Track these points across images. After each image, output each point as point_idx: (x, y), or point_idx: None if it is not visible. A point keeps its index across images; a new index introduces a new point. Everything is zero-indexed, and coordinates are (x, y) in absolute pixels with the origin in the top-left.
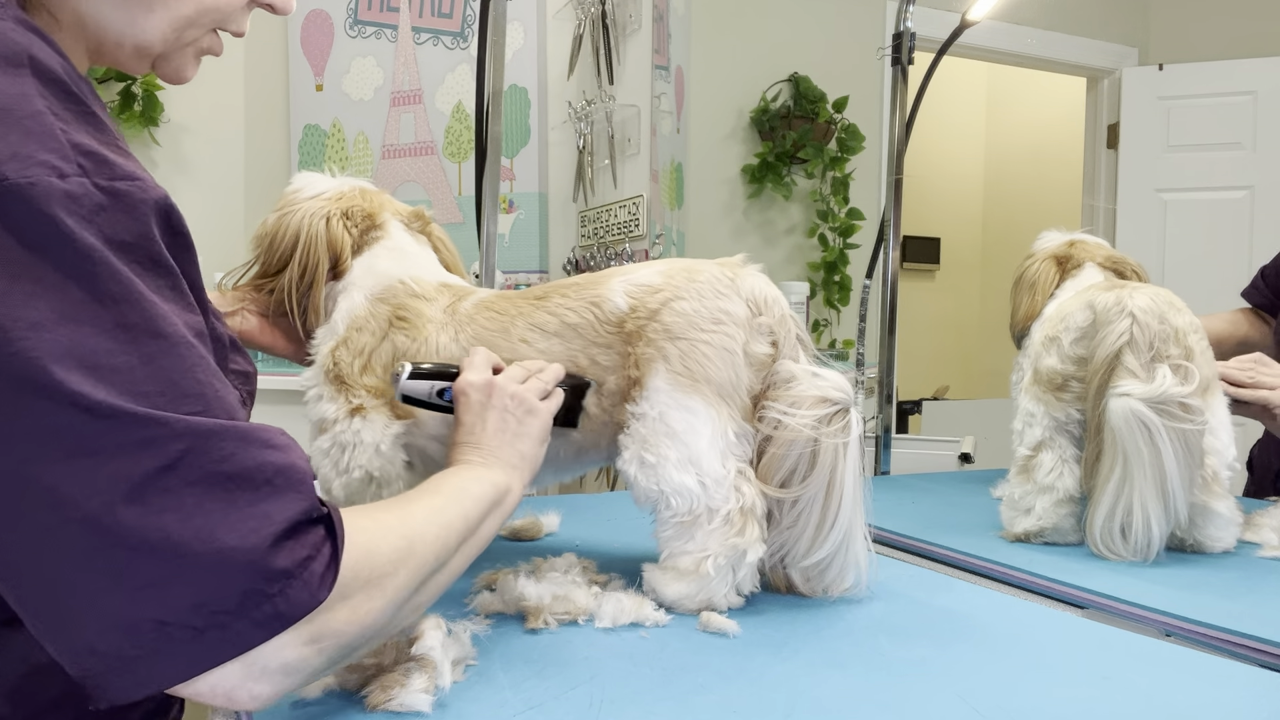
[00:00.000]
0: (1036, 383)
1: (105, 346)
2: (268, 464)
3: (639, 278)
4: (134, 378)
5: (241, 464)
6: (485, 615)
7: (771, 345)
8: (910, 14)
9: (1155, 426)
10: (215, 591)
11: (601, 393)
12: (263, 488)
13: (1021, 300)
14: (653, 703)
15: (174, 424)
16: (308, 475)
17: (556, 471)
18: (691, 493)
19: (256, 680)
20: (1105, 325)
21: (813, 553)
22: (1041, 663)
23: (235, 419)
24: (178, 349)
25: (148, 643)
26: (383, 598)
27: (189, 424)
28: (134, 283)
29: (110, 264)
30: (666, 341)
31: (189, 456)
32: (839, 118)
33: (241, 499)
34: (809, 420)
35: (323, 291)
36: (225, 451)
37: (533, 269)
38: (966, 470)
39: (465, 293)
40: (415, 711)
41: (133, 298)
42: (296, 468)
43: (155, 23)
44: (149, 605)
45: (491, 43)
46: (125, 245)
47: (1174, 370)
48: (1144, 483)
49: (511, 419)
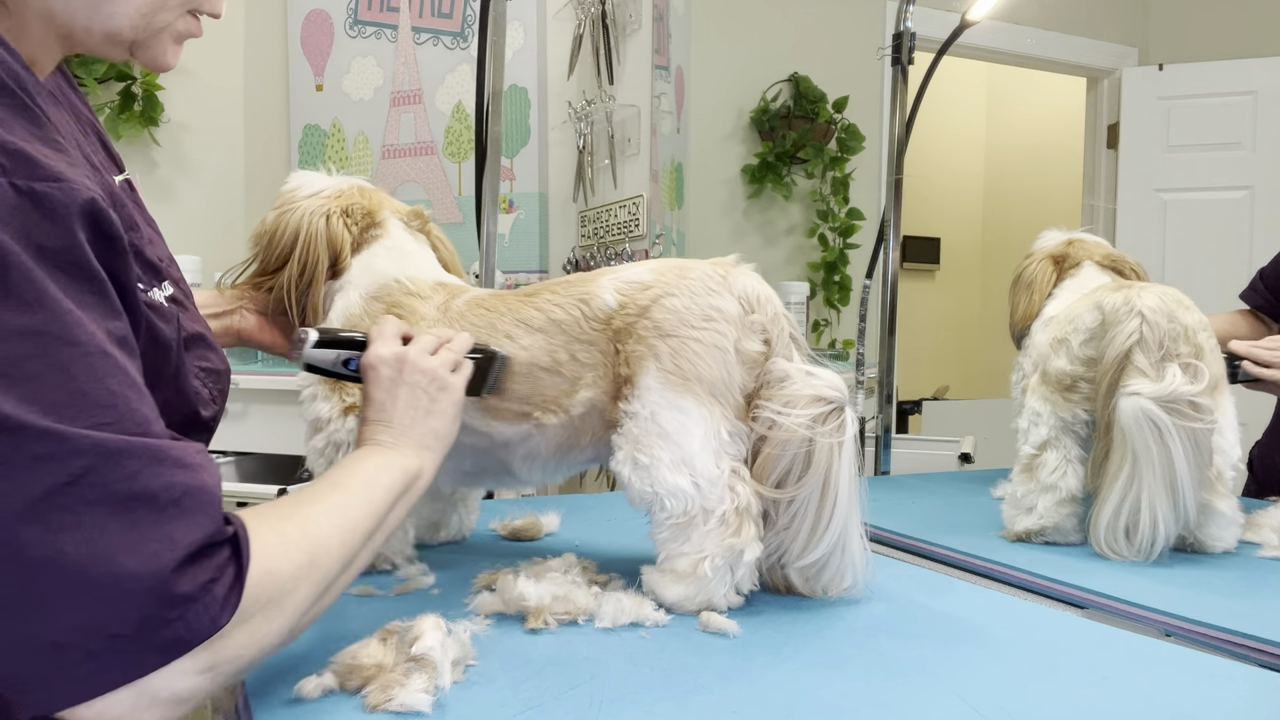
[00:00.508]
0: (1045, 383)
1: (12, 353)
2: (175, 484)
3: (630, 275)
4: (40, 386)
5: (146, 484)
6: (485, 615)
7: (764, 343)
8: (910, 14)
9: (1165, 425)
10: (112, 616)
11: (511, 368)
12: (168, 509)
13: (1019, 300)
14: (653, 703)
15: (77, 440)
16: (216, 496)
17: (544, 472)
18: (686, 494)
19: (145, 710)
20: (1115, 325)
21: (809, 552)
22: (1041, 663)
23: (149, 433)
24: (90, 358)
25: (40, 664)
26: (281, 617)
27: (94, 440)
28: (48, 287)
29: (23, 266)
30: (657, 339)
31: (91, 474)
32: (839, 118)
33: (145, 520)
34: (804, 420)
35: (322, 289)
36: (130, 470)
37: (533, 269)
38: (966, 470)
39: (460, 291)
40: (415, 711)
41: (46, 302)
42: (205, 488)
43: (121, 8)
44: (43, 626)
45: (491, 43)
46: (43, 249)
47: (1184, 369)
48: (1153, 481)
49: (424, 396)
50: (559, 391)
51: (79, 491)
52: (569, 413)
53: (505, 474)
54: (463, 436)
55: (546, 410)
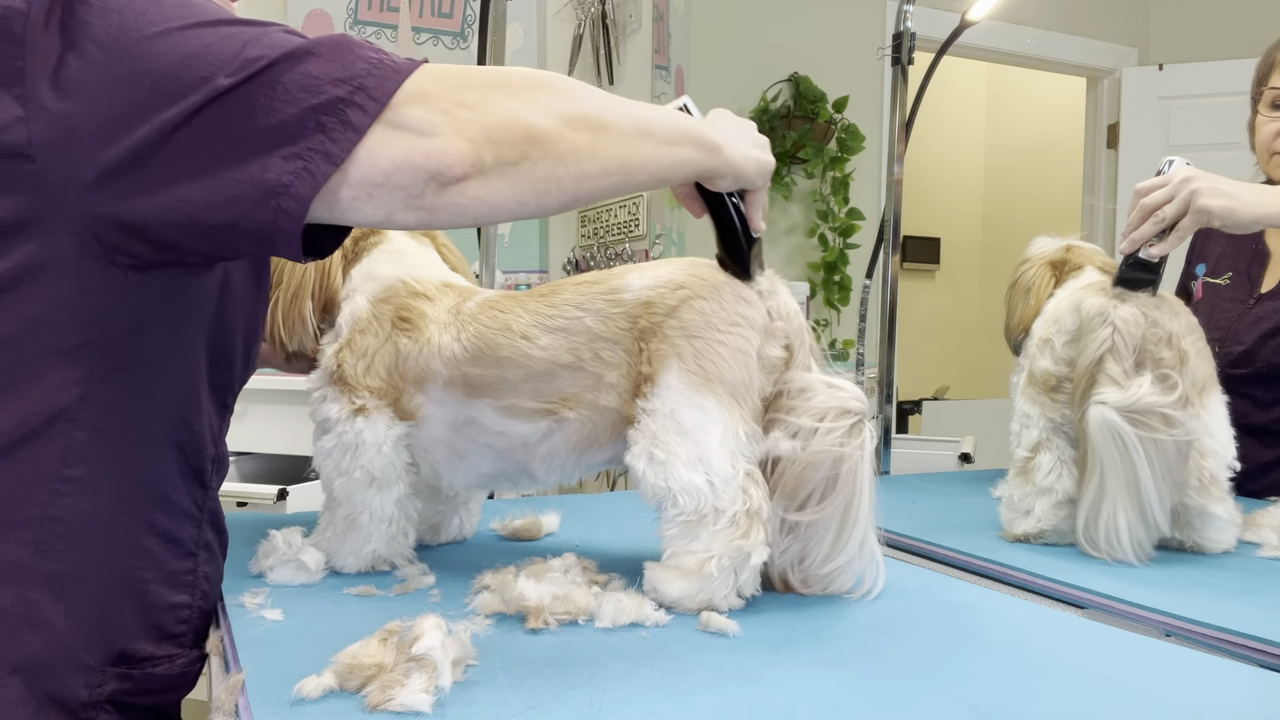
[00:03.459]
0: (1031, 384)
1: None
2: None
3: (662, 274)
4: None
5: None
6: (485, 615)
7: (785, 349)
8: (910, 14)
9: (1129, 437)
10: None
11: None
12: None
13: (1016, 306)
14: (653, 703)
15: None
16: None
17: (562, 472)
18: (700, 491)
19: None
20: (1088, 333)
21: (831, 560)
22: (1041, 663)
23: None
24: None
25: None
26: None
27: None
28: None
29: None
30: (682, 339)
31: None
32: (839, 118)
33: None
34: (835, 436)
35: (308, 305)
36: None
37: (533, 269)
38: (966, 470)
39: (470, 292)
40: (415, 711)
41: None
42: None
43: None
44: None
45: (491, 43)
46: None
47: (1159, 379)
48: (1119, 492)
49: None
50: (580, 388)
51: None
52: (589, 409)
53: (524, 475)
54: (480, 438)
55: (566, 407)
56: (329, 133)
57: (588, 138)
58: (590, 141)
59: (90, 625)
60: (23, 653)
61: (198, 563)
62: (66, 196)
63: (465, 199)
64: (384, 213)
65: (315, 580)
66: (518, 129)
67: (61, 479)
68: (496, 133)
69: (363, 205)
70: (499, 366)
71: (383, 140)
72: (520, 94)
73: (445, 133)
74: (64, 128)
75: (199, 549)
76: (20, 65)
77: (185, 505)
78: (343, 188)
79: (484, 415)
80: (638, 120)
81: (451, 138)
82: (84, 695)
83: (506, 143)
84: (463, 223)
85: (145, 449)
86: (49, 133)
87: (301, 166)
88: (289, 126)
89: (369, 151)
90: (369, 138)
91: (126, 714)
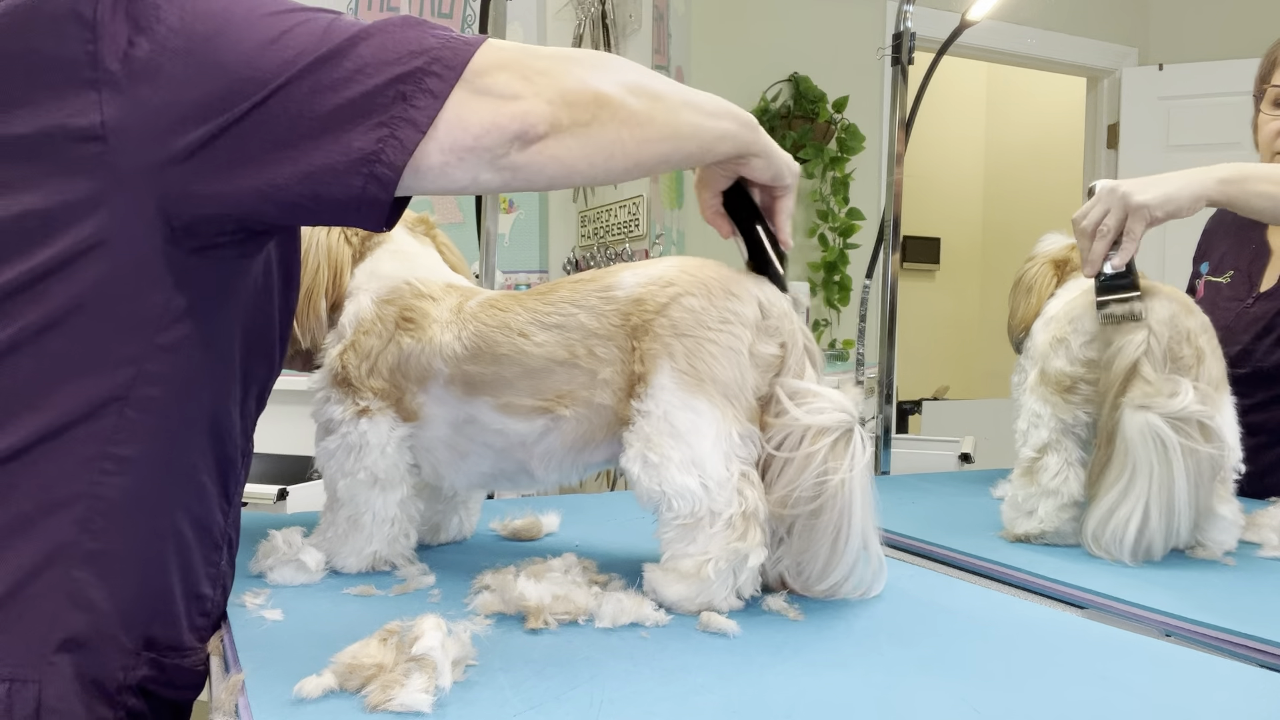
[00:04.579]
0: (1044, 383)
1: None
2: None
3: (653, 271)
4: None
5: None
6: (485, 615)
7: (779, 346)
8: (910, 14)
9: (1172, 443)
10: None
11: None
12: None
13: (1019, 303)
14: (653, 703)
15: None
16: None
17: (561, 471)
18: (694, 495)
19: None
20: (1122, 335)
21: (827, 577)
22: (1041, 663)
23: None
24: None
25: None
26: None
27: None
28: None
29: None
30: (673, 337)
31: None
32: (839, 118)
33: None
34: (814, 467)
35: (323, 303)
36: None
37: (533, 269)
38: (966, 470)
39: (472, 293)
40: (415, 711)
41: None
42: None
43: None
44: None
45: None
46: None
47: (1196, 389)
48: (1150, 497)
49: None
50: (576, 385)
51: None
52: (585, 407)
53: (524, 474)
54: (480, 437)
55: (562, 404)
56: (411, 101)
57: (646, 103)
58: (649, 107)
59: (129, 607)
60: (69, 631)
61: (223, 555)
62: (137, 177)
63: (544, 158)
64: (471, 175)
65: (315, 580)
66: (587, 93)
67: (109, 457)
68: (570, 95)
69: (453, 169)
70: (497, 364)
71: (469, 105)
72: (584, 64)
73: (527, 96)
74: (139, 110)
75: (224, 542)
76: (92, 49)
77: (215, 494)
78: (435, 153)
79: (483, 414)
80: (684, 93)
81: (533, 100)
82: (120, 678)
83: (579, 104)
84: (538, 184)
85: (185, 432)
86: (123, 115)
87: (388, 134)
88: (372, 98)
89: (457, 116)
90: (452, 104)
91: (151, 704)
